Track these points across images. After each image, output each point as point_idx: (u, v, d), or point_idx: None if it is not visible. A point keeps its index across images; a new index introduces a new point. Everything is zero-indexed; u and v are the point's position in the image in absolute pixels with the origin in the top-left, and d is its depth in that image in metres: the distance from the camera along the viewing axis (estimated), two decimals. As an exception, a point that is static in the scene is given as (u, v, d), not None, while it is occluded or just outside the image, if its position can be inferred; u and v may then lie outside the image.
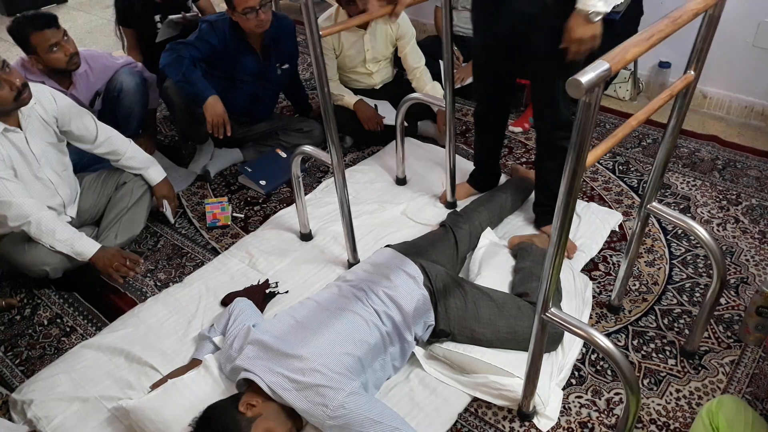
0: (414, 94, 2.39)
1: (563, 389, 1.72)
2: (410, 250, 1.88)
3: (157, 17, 2.93)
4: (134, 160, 2.30)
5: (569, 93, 0.94)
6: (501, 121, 2.29)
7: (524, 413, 1.63)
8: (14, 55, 2.49)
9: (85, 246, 2.04)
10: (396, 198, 2.47)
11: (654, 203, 1.59)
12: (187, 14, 2.90)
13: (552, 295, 1.29)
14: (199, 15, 2.96)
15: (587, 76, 0.93)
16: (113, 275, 2.07)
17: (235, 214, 2.51)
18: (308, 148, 2.00)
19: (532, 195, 2.29)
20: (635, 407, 1.31)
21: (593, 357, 1.81)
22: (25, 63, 2.36)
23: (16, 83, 1.89)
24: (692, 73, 1.35)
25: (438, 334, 1.73)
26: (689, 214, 2.32)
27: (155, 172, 2.36)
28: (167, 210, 2.42)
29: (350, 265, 2.10)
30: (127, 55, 2.71)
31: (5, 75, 1.87)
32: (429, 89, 2.73)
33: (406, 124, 2.78)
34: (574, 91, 0.93)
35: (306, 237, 2.29)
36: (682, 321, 1.91)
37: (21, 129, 2.00)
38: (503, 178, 2.49)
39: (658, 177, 1.55)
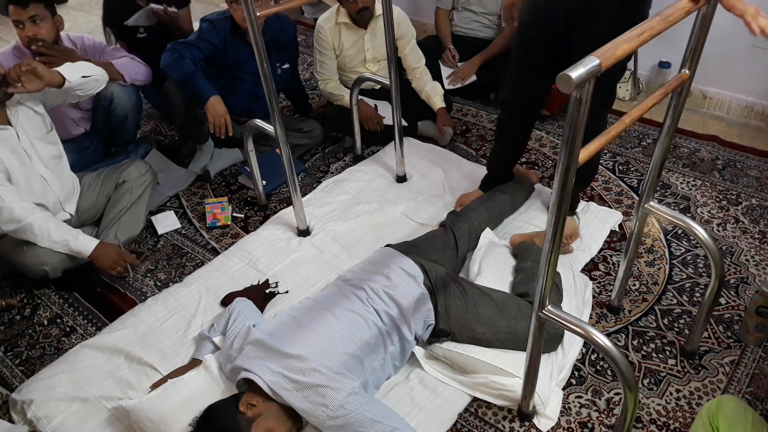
0: (362, 75, 2.48)
1: (563, 389, 1.72)
2: (410, 249, 1.88)
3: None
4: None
5: (560, 88, 0.94)
6: (527, 128, 2.18)
7: (524, 413, 1.63)
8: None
9: (81, 244, 2.04)
10: (396, 198, 2.47)
11: (652, 203, 1.59)
12: (169, 8, 2.84)
13: (549, 291, 1.29)
14: (178, 14, 2.89)
15: (577, 71, 0.93)
16: (114, 275, 2.10)
17: (235, 214, 2.51)
18: (258, 122, 2.21)
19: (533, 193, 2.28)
20: (633, 405, 1.31)
21: (593, 357, 1.81)
22: (17, 45, 2.37)
23: None
24: (687, 71, 1.35)
25: (438, 334, 1.73)
26: (689, 214, 2.32)
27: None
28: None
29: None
30: (126, 52, 2.70)
31: None
32: (429, 89, 2.73)
33: (405, 123, 2.79)
34: (564, 87, 0.93)
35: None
36: (682, 321, 1.91)
37: (11, 125, 2.00)
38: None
39: (655, 176, 1.55)
